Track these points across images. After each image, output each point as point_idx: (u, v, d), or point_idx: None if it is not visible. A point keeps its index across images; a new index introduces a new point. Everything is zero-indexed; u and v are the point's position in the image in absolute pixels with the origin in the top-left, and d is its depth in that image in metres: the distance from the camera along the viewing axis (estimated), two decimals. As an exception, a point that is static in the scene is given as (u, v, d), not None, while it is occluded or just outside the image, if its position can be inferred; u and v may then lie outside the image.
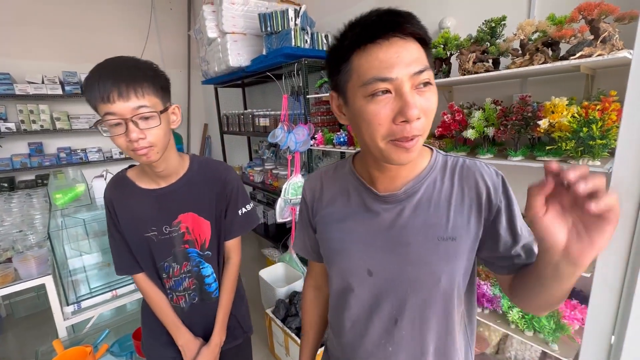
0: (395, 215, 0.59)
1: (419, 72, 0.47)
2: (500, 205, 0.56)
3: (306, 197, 0.74)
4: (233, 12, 2.35)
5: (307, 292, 0.85)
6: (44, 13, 3.40)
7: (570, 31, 1.04)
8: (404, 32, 0.47)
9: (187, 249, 0.95)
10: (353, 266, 0.63)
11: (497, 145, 1.39)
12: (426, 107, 0.49)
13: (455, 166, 0.60)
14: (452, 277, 0.57)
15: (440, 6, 1.72)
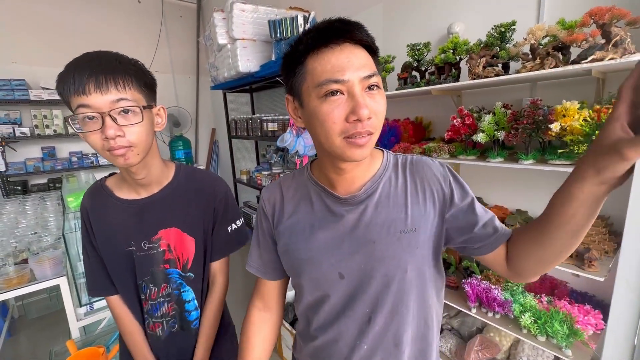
0: (359, 215, 0.62)
1: (368, 76, 0.52)
2: (453, 191, 0.62)
3: (265, 209, 0.71)
4: (243, 19, 2.39)
5: (252, 314, 0.77)
6: (59, 21, 3.50)
7: (582, 35, 1.04)
8: (354, 39, 0.52)
9: (167, 269, 0.84)
10: (325, 273, 0.63)
11: (507, 149, 1.39)
12: (375, 109, 0.53)
13: (405, 163, 0.65)
14: (417, 266, 0.61)
15: (448, 11, 1.73)
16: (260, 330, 0.77)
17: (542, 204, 0.52)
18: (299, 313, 0.74)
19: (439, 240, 0.63)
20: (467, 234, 0.61)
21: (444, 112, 1.80)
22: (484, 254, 0.61)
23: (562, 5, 1.35)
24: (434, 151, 1.54)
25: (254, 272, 0.75)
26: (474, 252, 0.63)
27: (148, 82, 0.73)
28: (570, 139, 1.10)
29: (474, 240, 0.61)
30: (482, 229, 0.60)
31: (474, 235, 0.61)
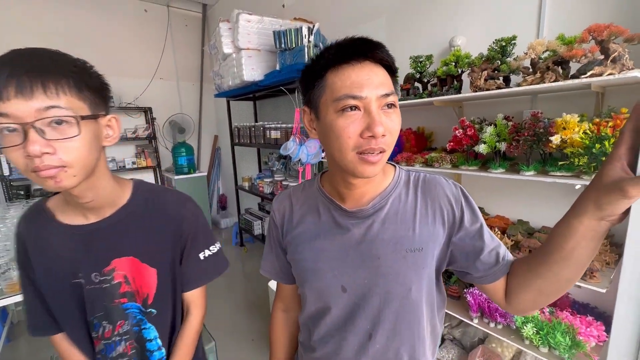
0: (365, 230, 0.62)
1: (385, 95, 0.53)
2: (463, 214, 0.60)
3: (275, 218, 0.73)
4: (248, 29, 2.44)
5: (276, 315, 0.83)
6: (66, 29, 3.56)
7: (581, 51, 1.07)
8: (375, 58, 0.53)
9: (124, 304, 0.72)
10: (328, 284, 0.64)
11: (508, 160, 1.41)
12: (390, 127, 0.54)
13: (417, 180, 0.64)
14: (421, 286, 0.61)
15: (450, 25, 1.77)
16: (285, 330, 0.82)
17: (543, 215, 0.54)
18: (301, 322, 0.74)
19: (442, 262, 0.63)
20: (471, 260, 0.60)
21: (446, 123, 1.83)
22: (485, 283, 0.60)
23: (562, 21, 1.39)
24: (436, 161, 1.56)
25: (268, 276, 0.79)
26: (474, 280, 0.62)
27: (94, 86, 0.60)
28: (571, 151, 1.12)
29: (476, 267, 0.60)
30: (487, 256, 0.59)
31: (477, 262, 0.60)
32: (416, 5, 1.93)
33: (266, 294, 2.64)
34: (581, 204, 0.45)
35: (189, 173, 3.99)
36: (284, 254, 0.73)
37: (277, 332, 0.82)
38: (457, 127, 1.48)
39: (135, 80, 4.06)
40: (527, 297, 0.55)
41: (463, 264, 0.62)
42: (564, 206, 0.48)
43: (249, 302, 2.68)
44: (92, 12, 3.71)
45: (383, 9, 2.13)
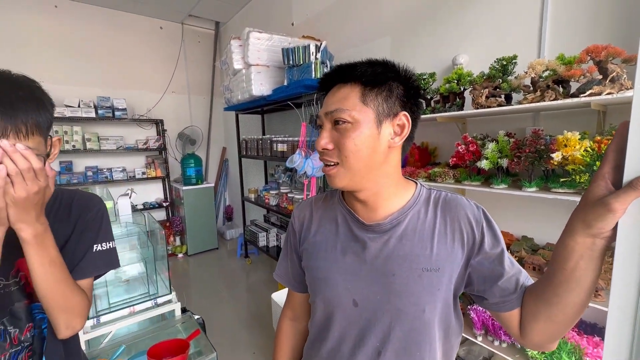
0: (382, 245, 0.61)
1: (331, 112, 0.57)
2: (484, 237, 0.59)
3: (294, 225, 0.75)
4: (258, 46, 2.54)
5: (283, 323, 0.82)
6: (84, 43, 3.73)
7: (579, 71, 1.10)
8: (346, 80, 0.58)
9: (29, 305, 0.70)
10: (339, 296, 0.63)
11: (511, 176, 1.42)
12: (341, 142, 0.57)
13: (438, 199, 0.63)
14: (435, 308, 0.58)
15: (453, 44, 1.83)
16: (290, 340, 0.81)
17: (547, 231, 0.54)
18: (310, 332, 0.73)
19: (459, 284, 0.61)
20: (488, 285, 0.58)
21: (449, 138, 1.85)
22: (502, 311, 0.58)
23: (562, 41, 1.42)
24: (439, 176, 1.58)
25: (280, 281, 0.79)
26: (491, 306, 0.59)
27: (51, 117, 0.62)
28: (572, 168, 1.13)
29: (493, 293, 0.58)
30: (506, 282, 0.57)
31: (495, 288, 0.57)
32: (420, 26, 2.00)
33: (269, 307, 2.63)
34: (572, 223, 0.46)
35: (197, 184, 4.06)
36: (299, 260, 0.74)
37: (282, 341, 0.82)
38: (459, 143, 1.50)
39: (148, 94, 4.21)
40: (538, 326, 0.54)
41: (480, 287, 0.60)
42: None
43: (251, 314, 2.67)
44: (111, 29, 3.89)
45: (388, 29, 2.20)
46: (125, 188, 3.83)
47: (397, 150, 0.61)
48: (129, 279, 1.86)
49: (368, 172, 0.58)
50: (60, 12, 3.57)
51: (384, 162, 0.59)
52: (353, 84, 0.57)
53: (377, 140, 0.57)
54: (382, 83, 0.57)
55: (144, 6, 3.85)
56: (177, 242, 4.15)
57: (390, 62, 0.60)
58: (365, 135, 0.56)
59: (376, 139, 0.57)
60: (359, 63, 0.58)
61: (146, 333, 1.75)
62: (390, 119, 0.58)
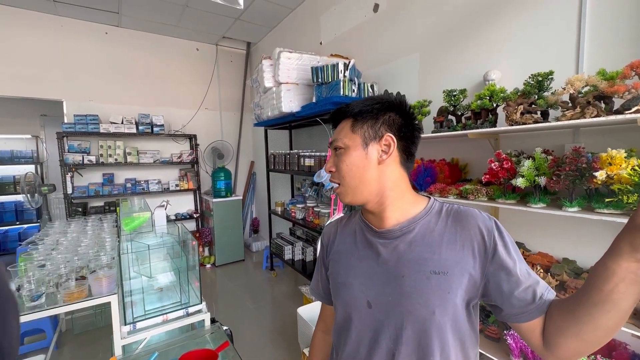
0: (392, 250, 0.66)
1: (331, 142, 0.71)
2: (496, 247, 0.60)
3: (323, 240, 0.84)
4: (288, 65, 2.64)
5: (316, 335, 0.90)
6: (129, 66, 4.07)
7: (623, 87, 1.06)
8: (343, 117, 0.72)
9: None
10: (354, 298, 0.69)
11: (549, 195, 1.36)
12: (337, 164, 0.69)
13: (450, 211, 0.67)
14: (445, 312, 0.60)
15: (484, 60, 1.81)
16: (322, 352, 0.88)
17: (591, 254, 0.52)
18: (332, 338, 0.79)
19: (473, 293, 0.61)
20: (504, 295, 0.59)
21: (481, 155, 1.81)
22: (519, 322, 0.58)
23: (602, 56, 1.37)
24: (471, 193, 1.54)
25: (313, 295, 0.87)
26: (509, 317, 0.60)
27: None
28: (619, 188, 1.07)
29: (511, 303, 0.58)
30: (522, 293, 0.57)
31: (512, 298, 0.58)
32: (450, 42, 2.00)
33: (294, 321, 2.62)
34: (617, 245, 0.45)
35: (226, 196, 4.19)
36: (326, 272, 0.82)
37: (315, 353, 0.88)
38: (492, 159, 1.46)
39: (183, 110, 4.46)
40: (566, 342, 0.52)
41: (496, 298, 0.60)
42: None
43: (276, 328, 2.67)
44: (153, 51, 4.22)
45: (416, 45, 2.22)
46: (160, 199, 4.04)
47: (392, 166, 0.68)
48: (162, 287, 1.94)
49: (365, 186, 0.67)
50: (109, 38, 3.93)
51: (381, 177, 0.67)
52: (347, 119, 0.70)
53: (365, 159, 0.67)
54: (367, 114, 0.68)
55: (182, 30, 4.14)
56: (205, 252, 4.28)
57: (380, 97, 0.70)
58: (354, 157, 0.67)
59: (364, 158, 0.67)
60: (353, 102, 0.70)
61: (177, 342, 1.80)
62: (376, 140, 0.67)
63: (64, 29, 3.67)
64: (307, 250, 3.32)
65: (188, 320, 1.72)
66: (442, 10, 2.04)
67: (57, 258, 1.76)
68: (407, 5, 2.29)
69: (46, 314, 1.49)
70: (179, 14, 3.70)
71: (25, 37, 3.48)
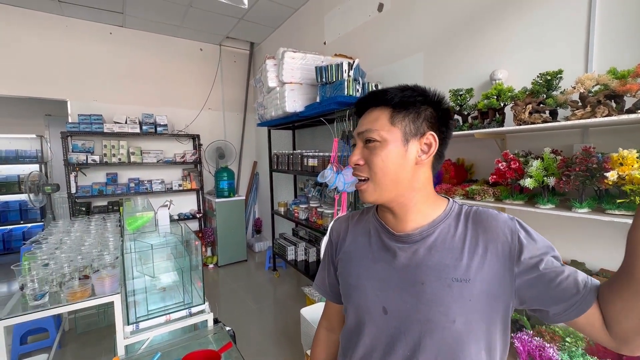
0: (411, 255, 0.63)
1: (363, 132, 0.64)
2: (522, 246, 0.57)
3: (332, 236, 0.80)
4: (292, 65, 2.63)
5: (320, 333, 0.86)
6: (132, 66, 4.08)
7: (636, 86, 1.03)
8: (377, 104, 0.64)
9: None
10: (369, 303, 0.65)
11: (558, 195, 1.34)
12: (370, 159, 0.63)
13: (469, 213, 0.64)
14: (467, 321, 0.57)
15: (490, 59, 1.79)
16: (325, 350, 0.85)
17: (600, 256, 0.51)
18: (341, 339, 0.75)
19: (504, 298, 0.58)
20: (542, 295, 0.55)
21: (488, 155, 1.79)
22: (572, 318, 0.53)
23: (612, 55, 1.35)
24: (478, 194, 1.52)
25: (318, 291, 0.84)
26: (559, 317, 0.54)
27: None
28: (630, 189, 1.05)
29: (553, 302, 0.54)
30: (562, 286, 0.53)
31: (552, 295, 0.53)
32: (455, 41, 1.98)
33: (297, 322, 2.61)
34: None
35: (229, 196, 4.19)
36: (335, 270, 0.78)
37: (318, 351, 0.85)
38: (500, 159, 1.44)
39: (187, 111, 4.47)
40: (631, 324, 0.47)
41: (535, 301, 0.56)
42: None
43: (279, 329, 2.66)
44: (156, 52, 4.23)
45: (421, 45, 2.20)
46: (163, 199, 4.04)
47: (425, 167, 0.64)
48: (165, 287, 1.93)
49: (396, 186, 0.62)
50: (114, 38, 3.94)
51: (413, 177, 0.63)
52: (383, 107, 0.63)
53: (404, 157, 0.61)
54: (409, 106, 0.62)
55: (186, 30, 4.15)
56: (208, 252, 4.27)
57: (420, 88, 0.64)
58: (393, 153, 0.61)
59: (403, 156, 0.61)
60: (390, 89, 0.63)
61: (179, 342, 1.79)
62: (417, 138, 0.62)
63: (69, 29, 3.68)
64: (310, 251, 3.30)
65: (191, 321, 1.71)
66: (447, 9, 2.02)
67: (61, 257, 1.76)
68: (412, 4, 2.27)
69: (49, 313, 1.49)
70: (183, 14, 3.70)
71: (30, 38, 3.50)
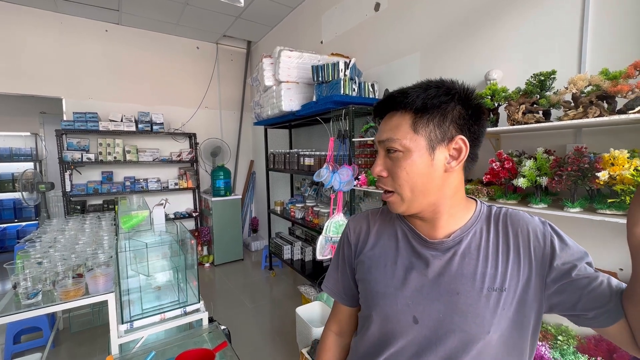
0: (445, 263, 0.60)
1: (383, 140, 0.60)
2: (555, 251, 0.55)
3: (350, 237, 0.74)
4: (289, 64, 2.63)
5: (327, 337, 0.80)
6: (128, 64, 4.05)
7: (627, 87, 1.04)
8: (397, 108, 0.59)
9: None
10: (398, 312, 0.61)
11: (551, 195, 1.35)
12: (391, 169, 0.59)
13: (499, 215, 0.62)
14: (502, 330, 0.55)
15: (485, 60, 1.80)
16: (334, 355, 0.79)
17: (592, 255, 0.51)
18: (358, 345, 0.70)
19: (535, 305, 0.56)
20: (573, 301, 0.53)
21: (482, 155, 1.78)
22: (603, 325, 0.51)
23: (605, 56, 1.36)
24: (472, 193, 1.53)
25: (329, 293, 0.78)
26: (590, 323, 0.53)
27: None
28: (621, 189, 1.06)
29: (585, 307, 0.52)
30: (594, 294, 0.51)
31: (584, 301, 0.52)
32: (451, 41, 1.99)
33: (293, 321, 2.61)
34: (634, 214, 0.44)
35: (225, 195, 4.18)
36: (352, 273, 0.74)
37: (328, 356, 0.79)
38: (494, 159, 1.45)
39: (183, 109, 4.45)
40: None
41: (567, 307, 0.55)
42: (616, 247, 0.47)
43: (274, 328, 2.66)
44: (153, 49, 4.20)
45: (418, 45, 2.21)
46: (159, 198, 4.03)
47: (456, 173, 0.60)
48: (160, 286, 1.93)
49: (425, 198, 0.59)
50: (110, 35, 3.91)
51: (443, 185, 0.59)
52: (404, 112, 0.58)
53: (430, 166, 0.57)
54: (434, 108, 0.56)
55: (183, 28, 4.13)
56: (204, 251, 4.26)
57: (445, 84, 0.58)
58: (417, 164, 0.57)
59: (430, 165, 0.57)
60: (410, 89, 0.58)
61: (174, 341, 1.79)
62: (444, 144, 0.57)
63: (64, 26, 3.65)
64: (306, 250, 3.30)
65: (186, 319, 1.70)
66: (443, 10, 2.03)
67: (55, 256, 1.75)
68: (408, 4, 2.28)
69: (43, 311, 1.48)
70: (180, 12, 3.68)
71: (24, 34, 3.47)
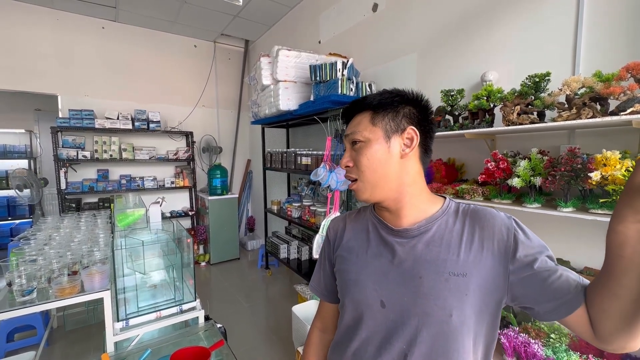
0: (409, 249, 0.65)
1: (348, 134, 0.69)
2: (518, 244, 0.59)
3: (329, 235, 0.82)
4: (287, 63, 2.63)
5: (313, 334, 0.86)
6: (125, 62, 4.04)
7: (619, 89, 1.06)
8: (360, 110, 0.70)
9: None
10: (367, 297, 0.67)
11: (544, 195, 1.37)
12: (357, 159, 0.67)
13: (467, 210, 0.67)
14: (463, 315, 0.59)
15: (482, 61, 1.82)
16: (320, 351, 0.85)
17: (585, 254, 0.52)
18: (336, 335, 0.76)
19: (497, 294, 0.60)
20: (534, 293, 0.57)
21: (478, 155, 1.82)
22: (561, 317, 0.55)
23: (599, 58, 1.38)
24: (467, 193, 1.55)
25: (313, 292, 0.84)
26: (549, 315, 0.56)
27: None
28: (613, 189, 1.08)
29: (544, 299, 0.56)
30: (554, 286, 0.55)
31: (544, 293, 0.55)
32: (447, 42, 2.01)
33: (289, 320, 2.62)
34: (619, 210, 0.45)
35: (222, 194, 4.17)
36: (331, 268, 0.80)
37: (311, 353, 0.85)
38: (489, 159, 1.47)
39: (180, 107, 4.44)
40: (612, 324, 0.49)
41: (527, 298, 0.58)
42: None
43: (270, 327, 2.66)
44: (150, 47, 4.19)
45: (415, 45, 2.22)
46: (155, 196, 4.01)
47: (412, 161, 0.67)
48: (156, 284, 1.92)
49: (385, 182, 0.65)
50: (106, 32, 3.89)
51: (401, 171, 0.66)
52: (365, 111, 0.68)
53: (388, 152, 0.65)
54: (388, 106, 0.66)
55: (180, 26, 4.12)
56: (200, 250, 4.25)
57: (397, 90, 0.69)
58: (377, 150, 0.65)
59: (387, 152, 0.65)
60: (369, 95, 0.69)
61: (170, 339, 1.79)
62: (398, 133, 0.66)
63: (60, 23, 3.63)
64: (302, 249, 3.31)
65: (181, 317, 1.70)
66: (441, 11, 2.05)
67: (50, 253, 1.74)
68: (406, 5, 2.29)
69: (37, 309, 1.47)
70: (177, 10, 3.67)
71: (20, 30, 3.43)
